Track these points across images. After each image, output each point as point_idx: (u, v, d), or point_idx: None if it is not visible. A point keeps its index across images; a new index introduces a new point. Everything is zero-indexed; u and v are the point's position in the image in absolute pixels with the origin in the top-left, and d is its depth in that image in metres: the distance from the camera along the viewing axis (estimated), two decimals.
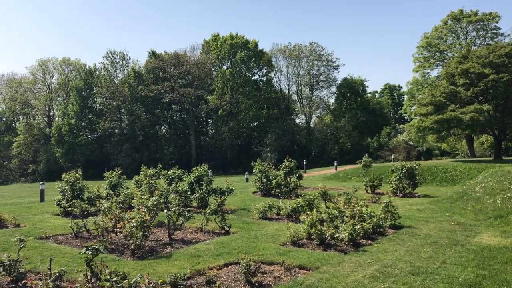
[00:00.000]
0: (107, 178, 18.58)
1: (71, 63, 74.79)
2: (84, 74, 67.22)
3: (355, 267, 8.64)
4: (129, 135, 63.07)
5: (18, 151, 72.13)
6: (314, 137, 62.09)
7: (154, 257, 9.59)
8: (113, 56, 66.19)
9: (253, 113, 61.57)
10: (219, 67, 63.87)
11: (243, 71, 61.65)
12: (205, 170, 17.52)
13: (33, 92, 76.89)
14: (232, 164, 60.83)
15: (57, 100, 75.84)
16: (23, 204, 20.58)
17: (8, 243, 10.48)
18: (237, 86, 61.25)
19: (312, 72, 62.98)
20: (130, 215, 11.16)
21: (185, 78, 61.41)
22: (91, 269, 6.48)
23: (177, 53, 63.33)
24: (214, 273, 8.12)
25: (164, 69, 61.93)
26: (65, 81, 73.86)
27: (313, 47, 62.49)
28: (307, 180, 26.56)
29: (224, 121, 61.15)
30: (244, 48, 60.81)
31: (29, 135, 71.83)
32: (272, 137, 60.01)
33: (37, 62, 75.25)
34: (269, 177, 20.07)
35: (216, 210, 12.16)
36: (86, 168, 59.81)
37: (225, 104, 59.78)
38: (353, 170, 30.30)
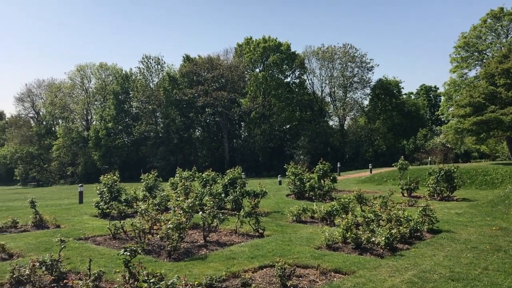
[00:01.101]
0: (144, 180, 18.91)
1: (108, 68, 76.71)
2: (120, 78, 68.89)
3: (392, 271, 8.48)
4: (164, 138, 64.12)
5: (57, 154, 74.44)
6: (348, 139, 61.44)
7: (190, 258, 9.68)
8: (149, 61, 67.61)
9: (286, 115, 61.46)
10: (252, 70, 64.13)
11: (276, 73, 61.70)
12: (238, 172, 17.58)
13: (72, 96, 79.26)
14: (264, 167, 60.88)
15: (95, 104, 77.91)
16: (63, 205, 21.22)
17: (50, 243, 10.81)
18: (269, 89, 61.31)
19: (345, 74, 62.42)
20: (166, 217, 11.33)
21: (219, 82, 61.96)
22: (129, 270, 6.60)
23: (210, 57, 64.04)
24: (249, 275, 8.13)
25: (198, 73, 62.68)
26: (102, 86, 75.79)
27: (347, 48, 61.94)
28: (341, 183, 26.28)
29: (256, 123, 61.29)
30: (277, 51, 60.86)
31: (68, 138, 74.02)
32: (305, 139, 59.75)
33: (75, 67, 77.73)
34: (302, 180, 19.96)
35: (250, 213, 12.18)
36: (123, 170, 61.15)
37: (257, 106, 59.93)
38: (388, 173, 29.78)
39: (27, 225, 13.76)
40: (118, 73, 71.33)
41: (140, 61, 68.18)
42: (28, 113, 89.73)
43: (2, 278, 8.01)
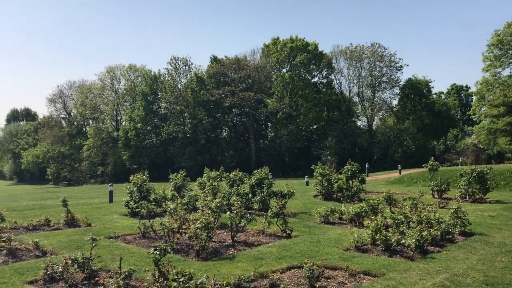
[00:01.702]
0: (172, 180, 19.11)
1: (137, 69, 77.88)
2: (149, 79, 69.89)
3: (423, 274, 8.31)
4: (191, 138, 64.74)
5: (88, 154, 76.04)
6: (376, 140, 60.65)
7: (218, 258, 9.73)
8: (177, 62, 68.31)
9: (313, 115, 61.09)
10: (279, 70, 64.04)
11: (303, 73, 61.44)
12: (265, 173, 17.57)
13: (102, 97, 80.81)
14: (291, 167, 60.68)
15: (124, 105, 79.24)
16: (94, 204, 21.64)
17: (81, 241, 11.04)
18: (296, 89, 61.09)
19: (374, 73, 61.60)
20: (194, 217, 11.42)
21: (245, 82, 62.12)
22: (159, 268, 6.66)
23: (237, 58, 64.29)
24: (277, 276, 8.11)
25: (225, 73, 63.00)
26: (131, 87, 76.99)
27: (375, 47, 61.14)
28: (369, 184, 25.95)
29: (283, 124, 61.16)
30: (304, 51, 60.58)
31: (98, 139, 75.52)
32: (333, 140, 59.29)
33: (105, 68, 79.18)
34: (330, 181, 19.79)
35: (278, 213, 12.15)
36: (151, 170, 61.96)
37: (284, 107, 59.78)
38: (418, 174, 29.23)
39: (59, 223, 14.09)
40: (147, 74, 72.37)
41: (169, 62, 69.07)
42: (59, 114, 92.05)
43: (36, 274, 8.23)
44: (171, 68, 68.64)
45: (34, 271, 8.45)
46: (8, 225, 12.87)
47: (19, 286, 7.66)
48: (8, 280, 8.01)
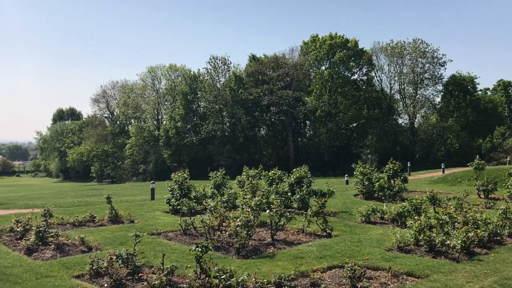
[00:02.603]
0: (212, 178, 19.28)
1: (177, 69, 79.10)
2: (189, 79, 70.90)
3: (470, 277, 8.03)
4: (230, 137, 65.23)
5: (130, 152, 77.90)
6: (418, 138, 59.20)
7: (258, 256, 9.74)
8: (216, 61, 68.96)
9: (353, 113, 60.31)
10: (318, 68, 63.54)
11: (342, 71, 60.73)
12: (305, 171, 17.44)
13: (143, 97, 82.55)
14: (330, 166, 60.11)
15: (165, 104, 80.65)
16: (136, 201, 22.13)
17: (125, 237, 11.31)
18: (336, 87, 60.46)
19: (416, 70, 60.08)
20: (234, 214, 11.48)
21: (284, 80, 61.99)
22: (200, 265, 6.73)
23: (276, 56, 64.22)
24: (318, 275, 8.04)
25: (263, 72, 63.08)
26: (172, 86, 78.30)
27: (417, 43, 59.61)
28: (411, 183, 25.33)
29: (322, 122, 60.65)
30: (344, 48, 59.86)
31: (140, 137, 77.21)
32: (373, 138, 58.32)
33: (146, 69, 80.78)
34: (371, 180, 19.45)
35: (318, 212, 12.04)
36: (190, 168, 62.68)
37: (323, 105, 59.28)
38: (463, 173, 28.30)
39: (104, 219, 14.48)
40: (187, 74, 73.43)
41: (208, 62, 69.78)
42: (103, 113, 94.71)
43: (82, 269, 8.49)
44: (210, 68, 69.42)
45: (80, 266, 8.72)
46: (55, 221, 13.34)
47: (66, 280, 7.93)
48: (56, 274, 8.30)
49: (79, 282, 7.86)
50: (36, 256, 9.78)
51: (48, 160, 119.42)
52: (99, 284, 7.82)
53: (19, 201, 27.41)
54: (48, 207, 12.03)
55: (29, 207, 19.75)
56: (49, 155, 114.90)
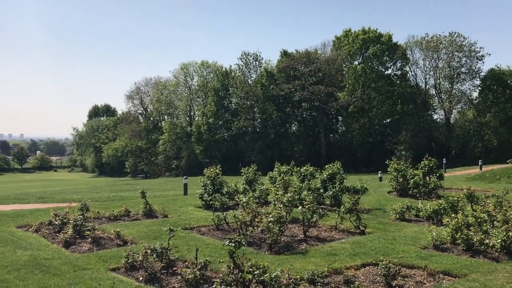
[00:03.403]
0: (244, 174, 19.34)
1: (209, 66, 79.63)
2: (220, 75, 71.30)
3: (510, 277, 7.77)
4: (261, 133, 65.27)
5: (163, 148, 79.06)
6: (454, 134, 57.67)
7: (291, 252, 9.71)
8: (247, 58, 69.04)
9: (386, 109, 59.29)
10: (350, 62, 62.74)
11: (376, 65, 59.76)
12: (337, 168, 17.27)
13: (176, 93, 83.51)
14: (363, 162, 59.33)
15: (197, 100, 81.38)
16: (169, 196, 22.44)
17: (159, 232, 11.47)
18: (369, 82, 59.58)
19: (452, 64, 58.42)
20: (266, 210, 11.49)
21: (316, 76, 61.53)
22: (233, 260, 6.75)
23: (308, 51, 63.76)
24: (352, 273, 7.95)
25: (295, 67, 62.78)
26: (204, 83, 78.92)
27: (453, 37, 57.94)
28: (447, 181, 24.71)
29: (354, 118, 59.91)
30: (377, 42, 58.86)
31: (173, 133, 78.22)
32: (407, 134, 57.21)
33: (179, 66, 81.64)
34: (406, 177, 19.08)
35: (351, 209, 11.91)
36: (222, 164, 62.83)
37: (356, 100, 58.53)
38: (502, 170, 27.41)
39: (138, 214, 14.74)
40: (219, 70, 73.85)
41: (239, 58, 69.93)
42: (137, 110, 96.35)
43: (118, 262, 8.67)
44: (241, 64, 69.56)
45: (116, 259, 8.91)
46: (92, 215, 13.65)
47: (103, 273, 8.11)
48: (93, 266, 8.50)
49: (115, 275, 8.03)
50: (73, 249, 10.05)
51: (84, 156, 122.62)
52: (134, 277, 7.96)
53: (56, 195, 28.24)
54: (84, 201, 12.33)
55: (66, 201, 20.32)
56: (85, 151, 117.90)
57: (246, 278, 6.48)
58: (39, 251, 9.67)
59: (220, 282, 6.60)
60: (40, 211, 15.89)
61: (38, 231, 11.87)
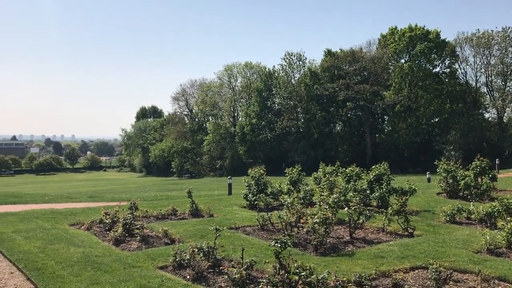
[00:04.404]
0: (288, 174, 19.29)
1: (253, 67, 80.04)
2: (264, 76, 71.52)
3: None
4: (305, 133, 64.91)
5: (208, 148, 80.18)
6: (507, 133, 55.20)
7: (337, 254, 9.59)
8: (291, 58, 68.92)
9: (434, 108, 57.54)
10: (397, 61, 61.34)
11: (423, 63, 58.14)
12: (384, 168, 16.91)
13: (220, 94, 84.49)
14: (410, 163, 57.79)
15: (241, 101, 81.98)
16: (214, 196, 22.73)
17: (205, 231, 11.62)
18: (416, 80, 58.04)
19: (506, 61, 55.87)
20: (311, 211, 11.40)
21: (361, 75, 60.59)
22: (279, 261, 6.74)
23: (352, 50, 62.91)
24: (401, 276, 7.75)
25: (339, 66, 62.09)
26: (247, 84, 79.41)
27: (507, 32, 55.45)
28: (501, 182, 23.67)
29: (401, 117, 58.51)
30: (425, 40, 57.23)
31: (217, 134, 79.17)
32: (457, 134, 55.28)
33: (223, 67, 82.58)
34: (456, 178, 18.43)
35: (399, 211, 11.62)
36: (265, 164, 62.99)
37: (402, 99, 57.15)
38: None
39: (185, 213, 15.00)
40: (262, 71, 74.11)
41: (283, 58, 69.88)
42: (182, 111, 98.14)
43: (166, 260, 8.85)
44: (285, 64, 69.50)
45: (164, 257, 9.09)
46: (140, 213, 14.02)
47: (151, 271, 8.30)
48: (142, 264, 8.72)
49: (163, 273, 8.20)
50: (123, 247, 10.35)
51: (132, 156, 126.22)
52: (181, 275, 8.10)
53: (106, 194, 29.23)
54: (133, 200, 12.67)
55: (115, 200, 20.97)
56: (133, 151, 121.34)
57: (293, 279, 6.45)
58: (91, 249, 10.02)
59: (266, 283, 6.60)
60: (91, 209, 16.48)
61: (90, 229, 12.31)
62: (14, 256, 9.46)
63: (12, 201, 21.10)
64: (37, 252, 9.75)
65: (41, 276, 7.96)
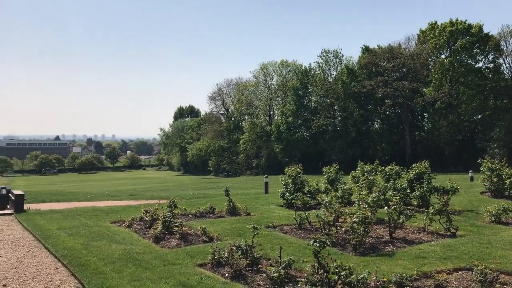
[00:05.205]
0: (325, 173, 19.12)
1: (288, 65, 79.86)
2: (300, 74, 71.24)
3: None
4: (342, 131, 64.22)
5: (244, 147, 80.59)
6: None
7: (376, 254, 9.43)
8: (327, 55, 68.37)
9: (477, 104, 55.66)
10: (437, 56, 59.72)
11: (465, 58, 56.32)
12: (425, 167, 16.51)
13: (256, 93, 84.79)
14: (451, 161, 56.17)
15: (276, 100, 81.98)
16: (251, 194, 22.81)
17: (243, 229, 11.66)
18: (457, 76, 56.31)
19: None
20: (350, 210, 11.25)
21: (399, 71, 59.45)
22: (318, 260, 6.68)
23: (391, 46, 61.83)
24: (444, 277, 7.54)
25: (377, 63, 61.10)
26: (283, 82, 79.32)
27: None
28: None
29: (442, 114, 56.93)
30: (466, 34, 55.43)
31: (253, 133, 79.45)
32: (501, 131, 53.27)
33: (259, 66, 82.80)
34: (501, 176, 17.77)
35: (441, 210, 11.31)
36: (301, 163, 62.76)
37: (443, 96, 55.58)
38: None
39: (222, 211, 15.11)
40: (298, 69, 73.82)
41: (319, 56, 69.39)
42: (219, 111, 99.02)
43: (205, 258, 8.93)
44: (321, 61, 69.01)
45: (202, 255, 9.18)
46: (179, 211, 14.22)
47: (191, 268, 8.40)
48: (181, 261, 8.84)
49: (202, 270, 8.28)
50: (163, 244, 10.52)
51: (170, 155, 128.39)
52: (220, 273, 8.16)
53: (146, 192, 29.87)
54: (172, 198, 12.86)
55: (155, 198, 21.40)
56: (171, 150, 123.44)
57: (332, 279, 6.38)
58: (132, 246, 10.24)
59: (305, 282, 6.55)
60: (131, 207, 16.86)
61: (130, 227, 12.59)
62: (59, 252, 9.78)
63: (56, 199, 21.90)
64: (81, 248, 10.05)
65: (85, 272, 8.20)
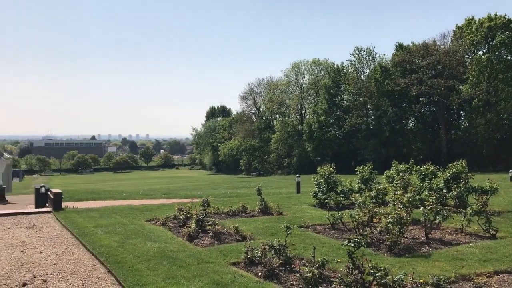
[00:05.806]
0: (359, 172, 18.89)
1: (320, 63, 79.37)
2: (332, 72, 70.69)
3: None
4: (375, 130, 63.34)
5: (275, 146, 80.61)
6: None
7: (412, 255, 9.23)
8: (360, 53, 67.61)
9: None
10: (474, 53, 58.10)
11: (504, 54, 54.60)
12: (462, 166, 16.05)
13: (287, 92, 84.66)
14: (489, 160, 54.51)
15: (308, 99, 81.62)
16: (283, 194, 22.76)
17: (275, 228, 11.64)
18: (496, 73, 54.62)
19: None
20: (385, 210, 11.06)
21: (434, 69, 58.16)
22: (352, 261, 6.60)
23: (425, 43, 60.55)
24: (483, 280, 7.31)
25: (411, 61, 59.97)
26: (315, 81, 78.89)
27: None
28: None
29: (479, 112, 55.33)
30: (506, 29, 53.70)
31: (284, 132, 79.35)
32: None
33: (290, 65, 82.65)
34: None
35: (479, 211, 10.98)
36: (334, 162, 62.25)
37: (480, 93, 54.00)
38: None
39: (255, 210, 15.12)
40: (330, 67, 73.28)
41: (352, 54, 68.67)
42: (250, 110, 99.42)
43: (238, 257, 8.96)
44: (354, 60, 68.36)
45: (236, 254, 9.21)
46: (212, 210, 14.31)
47: (224, 267, 8.44)
48: (215, 260, 8.90)
49: (235, 269, 8.31)
50: (196, 243, 10.61)
51: (203, 154, 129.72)
52: (253, 272, 8.17)
53: (179, 191, 30.26)
54: (205, 197, 12.97)
55: (188, 197, 21.66)
56: (203, 150, 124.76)
57: (367, 280, 6.29)
58: (166, 244, 10.38)
59: (339, 282, 6.48)
60: (165, 206, 17.10)
61: (165, 225, 12.76)
62: (96, 250, 10.02)
63: (93, 198, 22.47)
64: (117, 246, 10.26)
65: (121, 269, 8.36)
